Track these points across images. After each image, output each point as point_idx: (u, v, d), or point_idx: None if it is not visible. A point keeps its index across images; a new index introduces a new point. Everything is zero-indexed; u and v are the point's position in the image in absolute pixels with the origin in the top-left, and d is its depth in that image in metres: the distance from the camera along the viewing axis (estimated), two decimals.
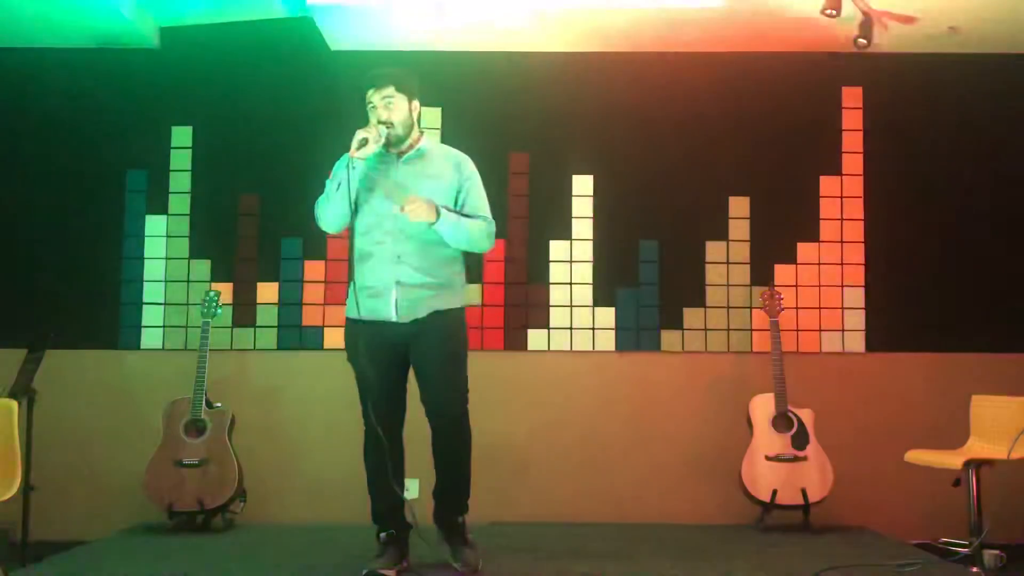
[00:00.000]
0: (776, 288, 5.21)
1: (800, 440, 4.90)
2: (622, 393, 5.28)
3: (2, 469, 3.72)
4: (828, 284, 5.35)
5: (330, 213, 3.72)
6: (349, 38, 5.21)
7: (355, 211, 3.69)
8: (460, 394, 3.75)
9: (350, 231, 3.76)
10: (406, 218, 3.61)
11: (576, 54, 5.37)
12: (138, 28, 5.12)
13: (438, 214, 3.63)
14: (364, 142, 3.59)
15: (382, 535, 3.76)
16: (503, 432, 5.10)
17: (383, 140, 3.66)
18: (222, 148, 5.37)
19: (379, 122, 3.68)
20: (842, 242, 5.37)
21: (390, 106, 3.71)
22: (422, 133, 3.86)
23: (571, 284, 5.36)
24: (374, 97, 3.72)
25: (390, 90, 3.72)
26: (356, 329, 3.69)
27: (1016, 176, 5.38)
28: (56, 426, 4.96)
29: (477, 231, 3.76)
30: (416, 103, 3.80)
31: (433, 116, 5.33)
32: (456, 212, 3.74)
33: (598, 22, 5.02)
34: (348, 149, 3.60)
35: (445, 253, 3.75)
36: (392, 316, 3.66)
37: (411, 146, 3.79)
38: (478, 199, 3.81)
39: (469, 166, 3.84)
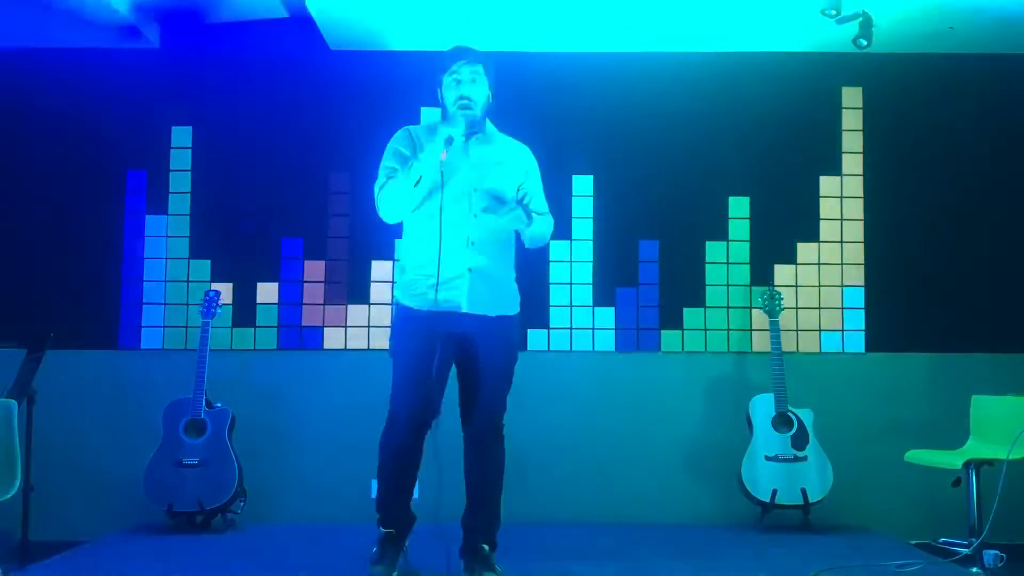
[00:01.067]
0: (776, 288, 5.21)
1: (800, 440, 4.90)
2: (622, 393, 5.28)
3: (2, 469, 3.72)
4: (828, 284, 5.35)
5: (401, 207, 3.57)
6: (349, 38, 5.21)
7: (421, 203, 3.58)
8: (504, 404, 3.68)
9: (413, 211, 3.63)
10: (480, 202, 3.54)
11: (577, 54, 5.37)
12: (138, 28, 5.11)
13: (529, 218, 3.59)
14: (451, 141, 3.50)
15: (383, 531, 3.70)
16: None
17: (463, 131, 3.55)
18: (222, 148, 5.37)
19: (460, 97, 3.57)
20: (842, 242, 5.37)
21: (476, 81, 3.60)
22: (486, 120, 3.73)
23: (571, 284, 5.36)
24: (463, 68, 3.59)
25: (479, 68, 3.61)
26: (412, 317, 3.57)
27: (1016, 176, 5.38)
28: (56, 426, 4.96)
29: (546, 224, 3.73)
30: (491, 92, 3.69)
31: (433, 116, 5.32)
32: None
33: (598, 22, 5.01)
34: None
35: (509, 243, 3.68)
36: (462, 307, 3.53)
37: (481, 129, 3.67)
38: (540, 192, 3.76)
39: (532, 158, 3.77)
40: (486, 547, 3.66)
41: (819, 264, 5.37)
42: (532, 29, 5.12)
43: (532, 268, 5.31)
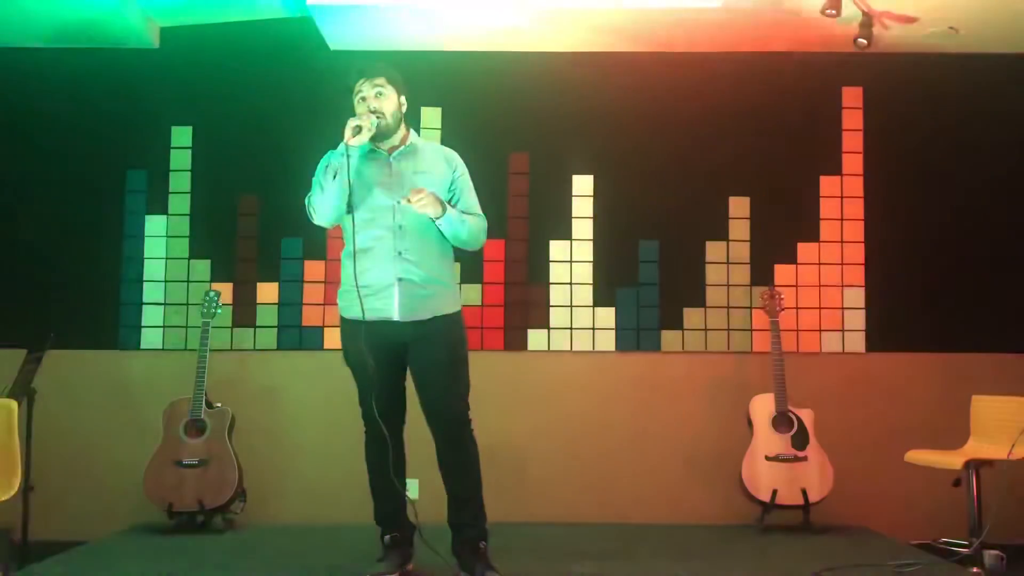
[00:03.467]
0: (776, 288, 5.21)
1: (800, 440, 4.90)
2: (622, 393, 5.28)
3: (2, 469, 3.72)
4: (828, 284, 5.35)
5: (326, 204, 3.61)
6: (349, 38, 5.21)
7: (350, 207, 3.63)
8: (461, 397, 3.70)
9: (343, 228, 3.73)
10: (405, 213, 3.58)
11: (576, 54, 5.37)
12: (138, 28, 5.11)
13: (443, 208, 3.60)
14: (358, 130, 3.54)
15: (386, 537, 3.74)
16: (503, 432, 5.09)
17: (375, 130, 3.59)
18: (222, 148, 5.37)
19: (370, 111, 3.62)
20: (842, 242, 5.37)
21: (381, 96, 3.66)
22: (410, 130, 3.80)
23: (571, 284, 5.36)
24: (364, 86, 3.66)
25: (381, 80, 3.68)
26: (353, 328, 3.65)
27: (1016, 176, 5.38)
28: (56, 426, 4.97)
29: (475, 227, 3.74)
30: (403, 99, 3.75)
31: (433, 116, 5.33)
32: (455, 208, 3.70)
33: (598, 22, 5.02)
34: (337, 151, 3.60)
35: (442, 250, 3.72)
36: (393, 315, 3.60)
37: (402, 141, 3.74)
38: (470, 195, 3.79)
39: (459, 162, 3.81)
40: (482, 544, 3.67)
41: (819, 264, 5.37)
42: (532, 29, 5.11)
43: (532, 268, 5.33)
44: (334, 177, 3.57)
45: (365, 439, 3.75)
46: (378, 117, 3.62)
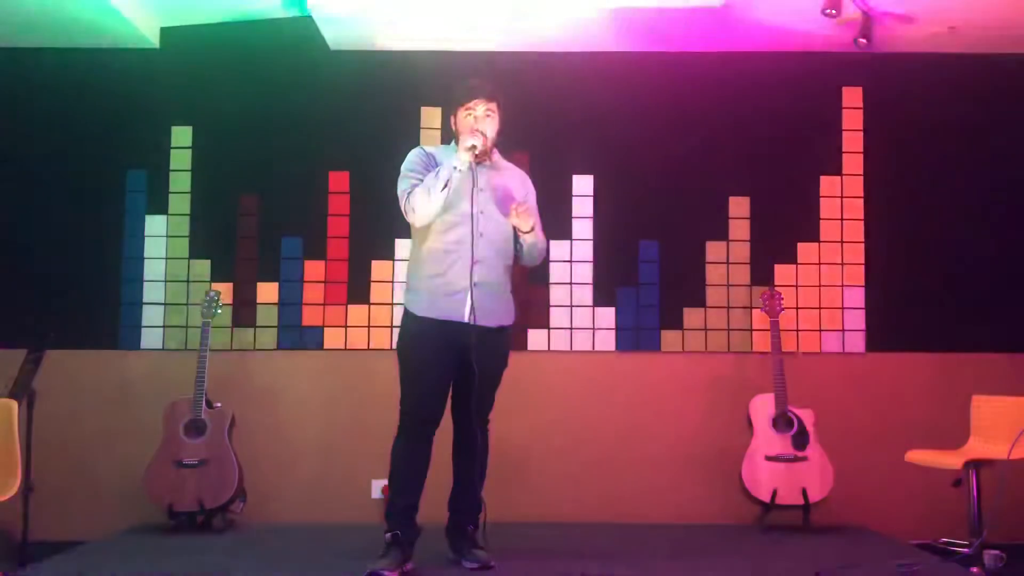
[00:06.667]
0: (776, 288, 5.21)
1: (800, 440, 4.90)
2: (622, 393, 5.28)
3: (2, 469, 3.72)
4: (828, 284, 5.35)
5: (432, 209, 3.76)
6: (349, 38, 5.21)
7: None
8: (493, 402, 3.98)
9: (422, 229, 3.85)
10: (486, 222, 3.82)
11: (576, 54, 5.37)
12: (138, 28, 5.11)
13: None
14: (474, 148, 3.75)
15: (388, 535, 3.77)
16: (503, 432, 5.07)
17: (481, 148, 3.79)
18: (222, 148, 5.37)
19: (478, 131, 3.82)
20: (842, 242, 5.37)
21: (490, 118, 3.90)
22: (495, 148, 4.01)
23: (571, 284, 5.36)
24: (479, 107, 3.88)
25: (494, 105, 3.91)
26: (421, 326, 3.81)
27: (1016, 176, 5.38)
28: (56, 426, 4.97)
29: (544, 245, 4.02)
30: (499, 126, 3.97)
31: (433, 116, 5.33)
32: None
33: (598, 22, 5.01)
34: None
35: (508, 263, 3.95)
36: (464, 318, 3.77)
37: (488, 157, 3.94)
38: (537, 215, 4.01)
39: (530, 183, 4.10)
40: (471, 528, 3.92)
41: (819, 264, 5.37)
42: (531, 29, 5.12)
43: (532, 268, 5.32)
44: (444, 187, 3.73)
45: (398, 435, 3.84)
46: (484, 136, 3.82)
